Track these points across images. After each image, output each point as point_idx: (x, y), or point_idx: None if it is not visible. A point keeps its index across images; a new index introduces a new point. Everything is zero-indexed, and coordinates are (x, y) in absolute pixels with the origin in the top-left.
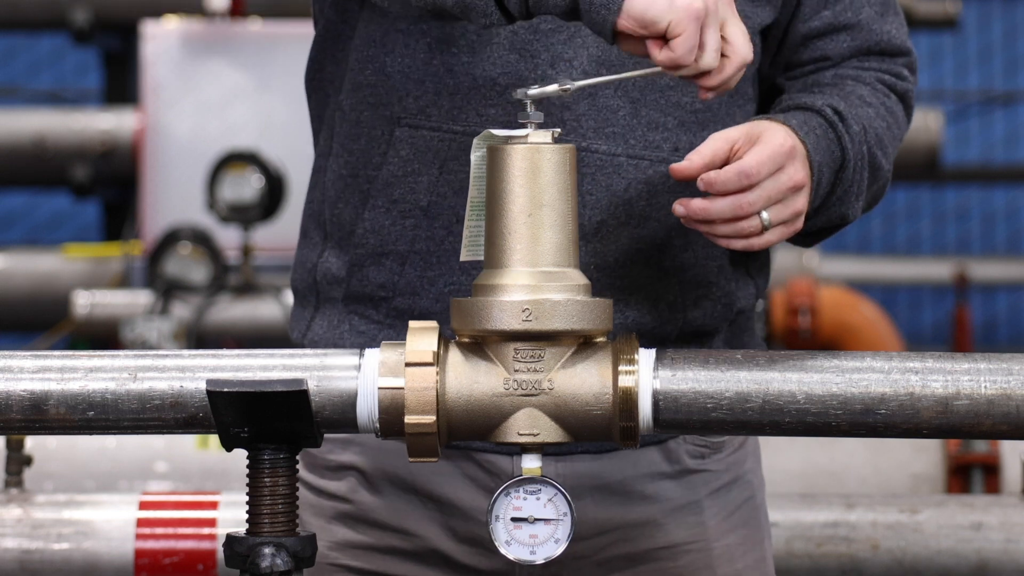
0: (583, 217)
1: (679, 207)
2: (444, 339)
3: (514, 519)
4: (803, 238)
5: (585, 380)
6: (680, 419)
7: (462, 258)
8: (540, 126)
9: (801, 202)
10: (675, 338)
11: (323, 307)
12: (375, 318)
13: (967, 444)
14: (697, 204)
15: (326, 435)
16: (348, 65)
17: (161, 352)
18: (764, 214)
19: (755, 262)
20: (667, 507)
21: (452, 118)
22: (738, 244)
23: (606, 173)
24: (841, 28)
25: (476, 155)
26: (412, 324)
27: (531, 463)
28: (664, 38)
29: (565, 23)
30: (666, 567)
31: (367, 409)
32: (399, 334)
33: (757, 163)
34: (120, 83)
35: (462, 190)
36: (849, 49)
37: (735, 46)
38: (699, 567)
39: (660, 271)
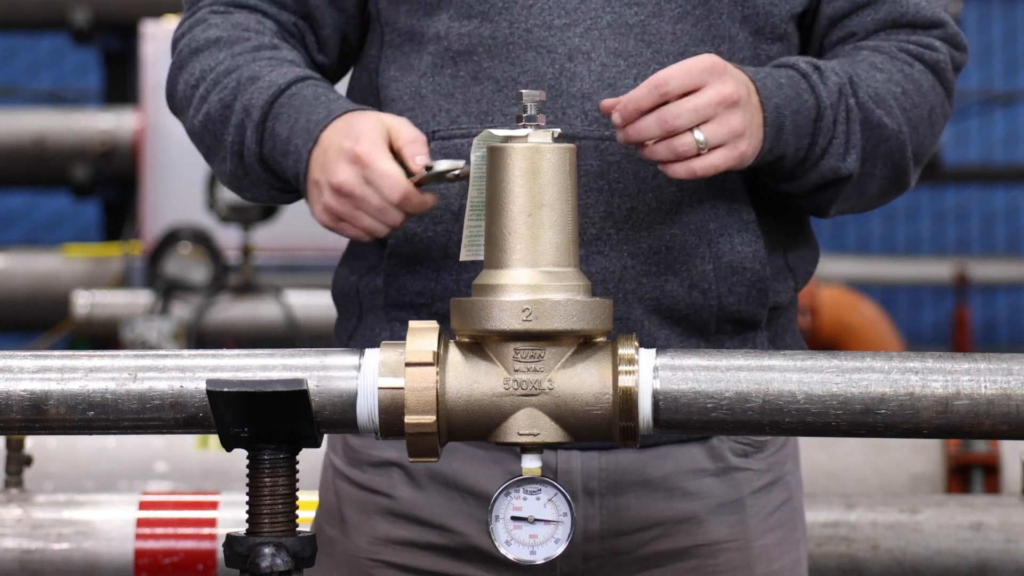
0: (612, 205)
1: (619, 133)
2: (444, 339)
3: (514, 519)
4: (809, 199)
5: (585, 380)
6: (680, 419)
7: (462, 258)
8: (540, 126)
9: (737, 120)
10: (715, 328)
11: (366, 316)
12: None
13: (967, 444)
14: (629, 127)
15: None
16: (381, 97)
17: (161, 352)
18: (698, 134)
19: (793, 252)
20: (709, 504)
21: (480, 122)
22: (680, 169)
23: (633, 161)
24: (865, 4)
25: (476, 155)
26: (412, 324)
27: (531, 463)
28: None
29: (579, 17)
30: (705, 564)
31: (367, 409)
32: None
33: (667, 74)
34: (120, 83)
35: None
36: (874, 23)
37: None
38: (738, 566)
39: (695, 256)
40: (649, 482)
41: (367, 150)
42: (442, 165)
